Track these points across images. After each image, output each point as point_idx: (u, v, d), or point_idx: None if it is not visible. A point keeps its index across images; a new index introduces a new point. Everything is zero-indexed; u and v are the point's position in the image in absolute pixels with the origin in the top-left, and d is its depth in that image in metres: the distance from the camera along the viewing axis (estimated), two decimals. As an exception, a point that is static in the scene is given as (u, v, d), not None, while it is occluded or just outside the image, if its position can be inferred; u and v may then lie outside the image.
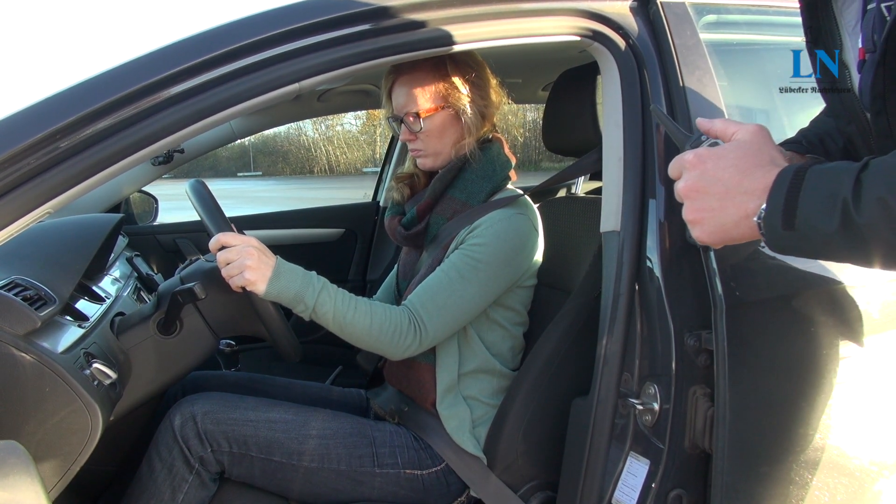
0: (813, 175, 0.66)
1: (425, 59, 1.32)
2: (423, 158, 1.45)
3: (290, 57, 1.08)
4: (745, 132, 0.75)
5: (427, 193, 1.45)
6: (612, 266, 1.21)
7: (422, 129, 1.40)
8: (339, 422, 1.40)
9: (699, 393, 1.19)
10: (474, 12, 1.17)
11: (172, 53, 1.05)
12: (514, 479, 1.37)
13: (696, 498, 1.22)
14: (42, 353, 1.01)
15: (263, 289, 1.21)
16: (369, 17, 1.12)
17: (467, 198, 1.42)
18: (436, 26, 1.15)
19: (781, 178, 0.69)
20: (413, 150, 1.46)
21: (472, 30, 1.18)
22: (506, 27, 1.20)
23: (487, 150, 1.44)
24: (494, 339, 1.44)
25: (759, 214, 0.70)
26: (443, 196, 1.44)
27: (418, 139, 1.42)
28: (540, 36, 1.22)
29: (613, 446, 1.21)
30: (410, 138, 1.43)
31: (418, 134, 1.41)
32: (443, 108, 1.40)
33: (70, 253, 1.31)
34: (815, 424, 1.17)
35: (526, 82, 2.06)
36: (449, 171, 1.43)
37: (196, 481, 1.31)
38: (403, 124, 1.42)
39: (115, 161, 1.02)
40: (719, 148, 0.75)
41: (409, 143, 1.44)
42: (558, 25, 1.21)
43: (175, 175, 2.84)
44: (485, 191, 1.43)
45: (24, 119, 0.97)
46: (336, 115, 22.69)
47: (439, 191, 1.44)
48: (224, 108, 1.07)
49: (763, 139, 0.74)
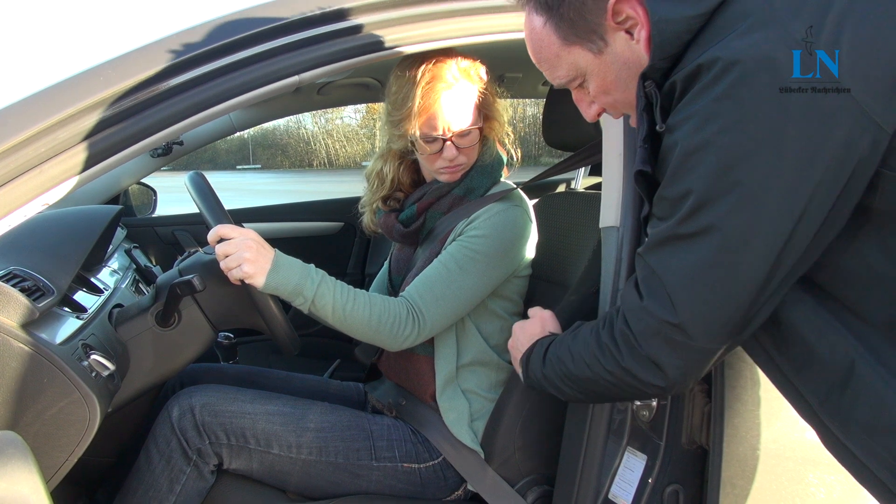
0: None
1: (461, 71, 1.33)
2: (456, 172, 1.41)
3: (290, 49, 1.08)
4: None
5: (431, 193, 1.44)
6: (610, 261, 1.20)
7: (470, 145, 1.38)
8: (337, 415, 1.40)
9: (696, 389, 1.19)
10: (476, 7, 1.16)
11: (171, 44, 1.05)
12: (512, 473, 1.37)
13: (692, 493, 1.22)
14: (40, 344, 1.01)
15: (262, 281, 1.21)
16: (371, 10, 1.11)
17: (466, 193, 1.42)
18: (437, 20, 1.15)
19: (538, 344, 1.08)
20: (451, 167, 1.39)
21: (474, 24, 1.18)
22: (507, 22, 1.19)
23: (485, 147, 1.44)
24: (492, 329, 1.44)
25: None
26: (446, 193, 1.44)
27: (460, 155, 1.38)
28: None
29: (610, 441, 1.21)
30: (457, 155, 1.37)
31: (465, 150, 1.38)
32: (483, 120, 1.40)
33: (68, 244, 1.31)
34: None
35: (527, 77, 2.06)
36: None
37: (194, 473, 1.31)
38: (452, 143, 1.35)
39: (114, 152, 1.02)
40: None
41: (450, 160, 1.37)
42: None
43: (174, 167, 2.84)
44: (484, 186, 1.43)
45: (23, 109, 0.97)
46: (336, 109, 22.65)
47: (445, 190, 1.43)
48: (223, 100, 1.06)
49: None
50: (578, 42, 0.87)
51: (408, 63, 1.35)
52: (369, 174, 1.55)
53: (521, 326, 1.16)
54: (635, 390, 0.89)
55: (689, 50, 0.80)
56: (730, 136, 0.74)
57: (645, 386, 0.87)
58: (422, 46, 1.20)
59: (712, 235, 0.77)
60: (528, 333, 1.13)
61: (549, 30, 0.89)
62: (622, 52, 0.86)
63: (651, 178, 0.86)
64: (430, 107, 1.33)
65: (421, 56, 1.32)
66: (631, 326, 0.86)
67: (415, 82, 1.32)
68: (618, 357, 0.88)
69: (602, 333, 0.91)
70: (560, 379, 0.99)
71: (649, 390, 0.88)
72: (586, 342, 0.94)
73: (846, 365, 0.78)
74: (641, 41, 0.84)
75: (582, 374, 0.95)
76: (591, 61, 0.88)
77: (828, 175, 0.73)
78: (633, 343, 0.86)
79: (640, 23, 0.83)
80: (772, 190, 0.74)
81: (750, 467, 1.20)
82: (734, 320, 0.81)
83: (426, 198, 1.45)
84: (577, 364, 0.96)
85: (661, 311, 0.82)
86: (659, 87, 0.84)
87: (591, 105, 0.95)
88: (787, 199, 0.74)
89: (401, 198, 1.52)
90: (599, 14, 0.84)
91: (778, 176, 0.73)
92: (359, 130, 26.81)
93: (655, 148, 0.85)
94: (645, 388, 0.88)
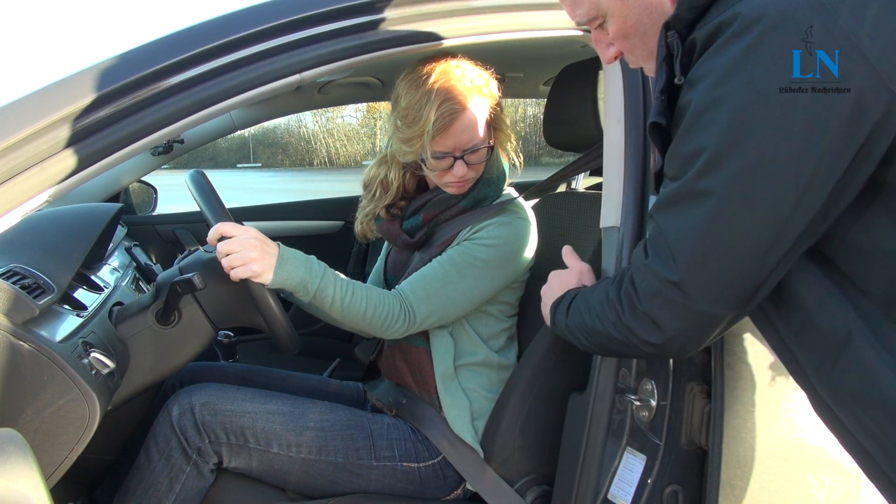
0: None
1: (475, 90, 1.31)
2: (464, 186, 1.39)
3: (291, 48, 1.08)
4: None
5: (437, 204, 1.42)
6: (611, 262, 1.21)
7: (480, 161, 1.36)
8: (337, 414, 1.40)
9: (696, 389, 1.19)
10: (477, 6, 1.16)
11: (173, 43, 1.05)
12: (511, 472, 1.37)
13: (691, 494, 1.22)
14: (40, 342, 1.01)
15: (270, 278, 1.21)
16: (372, 9, 1.11)
17: (474, 205, 1.42)
18: (438, 19, 1.15)
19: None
20: (459, 182, 1.37)
21: (475, 23, 1.17)
22: (508, 21, 1.19)
23: (492, 158, 1.43)
24: (491, 332, 1.44)
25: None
26: (453, 206, 1.43)
27: (470, 171, 1.36)
28: (542, 30, 1.21)
29: (610, 442, 1.21)
30: (466, 171, 1.35)
31: (474, 167, 1.36)
32: (492, 133, 1.39)
33: (69, 242, 1.31)
34: (812, 421, 1.17)
35: (527, 77, 2.06)
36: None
37: (193, 472, 1.31)
38: (462, 161, 1.33)
39: (115, 150, 1.01)
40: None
41: (460, 176, 1.35)
42: (561, 20, 1.20)
43: (174, 165, 2.84)
44: (490, 198, 1.42)
45: (24, 107, 0.97)
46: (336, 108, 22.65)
47: (452, 203, 1.42)
48: (224, 99, 1.06)
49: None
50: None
51: (419, 78, 1.31)
52: (370, 181, 1.50)
53: (557, 275, 1.18)
54: (636, 349, 0.90)
55: (714, 5, 0.79)
56: (743, 96, 0.73)
57: (643, 344, 0.88)
58: (422, 46, 1.20)
59: (719, 196, 0.77)
60: (564, 283, 1.15)
61: None
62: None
63: (665, 132, 0.85)
64: (444, 128, 1.30)
65: (432, 70, 1.30)
66: (636, 284, 0.87)
67: (428, 101, 1.29)
68: (620, 314, 0.90)
69: (611, 290, 0.93)
70: (580, 330, 1.01)
71: (646, 349, 0.89)
72: (599, 297, 0.96)
73: (843, 335, 0.78)
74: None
75: (595, 328, 0.97)
76: (613, 2, 0.88)
77: (837, 140, 0.72)
78: (633, 300, 0.87)
79: None
80: (779, 153, 0.73)
81: (749, 468, 1.20)
82: (735, 285, 0.80)
83: (431, 209, 1.43)
84: (591, 317, 0.97)
85: (663, 268, 0.82)
86: (682, 38, 0.82)
87: (609, 47, 0.94)
88: (794, 163, 0.73)
89: (403, 206, 1.50)
90: None
91: (786, 139, 0.73)
92: (359, 129, 26.81)
93: (672, 101, 0.84)
94: (643, 347, 0.89)
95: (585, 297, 1.02)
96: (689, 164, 0.79)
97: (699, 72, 0.78)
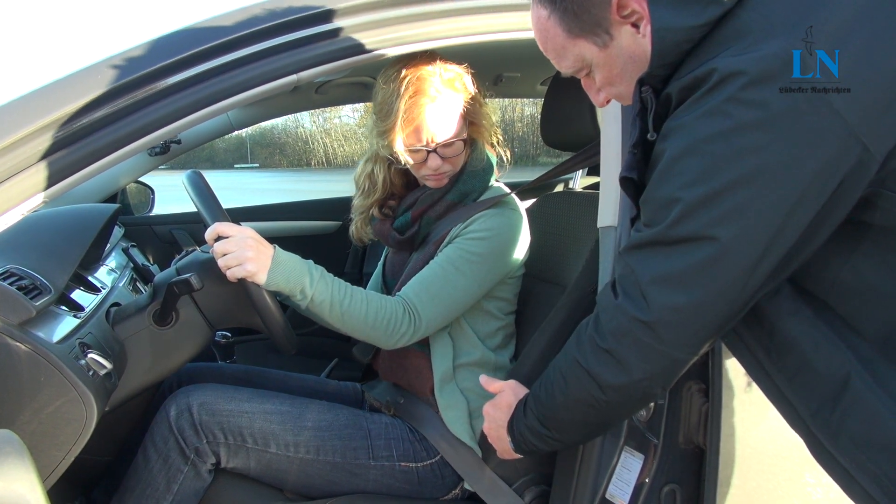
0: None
1: (445, 83, 1.32)
2: (442, 179, 1.40)
3: (288, 48, 1.08)
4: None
5: (424, 200, 1.44)
6: (608, 261, 1.21)
7: (455, 154, 1.37)
8: (335, 413, 1.40)
9: (694, 388, 1.19)
10: (472, 6, 1.16)
11: (170, 43, 1.05)
12: (509, 472, 1.37)
13: (689, 493, 1.22)
14: (37, 343, 1.01)
15: (264, 278, 1.21)
16: (368, 9, 1.11)
17: (460, 198, 1.42)
18: (436, 19, 1.15)
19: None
20: (435, 175, 1.38)
21: (472, 23, 1.18)
22: (505, 21, 1.19)
23: (475, 151, 1.43)
24: (488, 330, 1.44)
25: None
26: (439, 200, 1.43)
27: (445, 164, 1.37)
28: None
29: (608, 441, 1.21)
30: (441, 164, 1.37)
31: (449, 160, 1.37)
32: (467, 127, 1.39)
33: (66, 242, 1.30)
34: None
35: (525, 76, 2.06)
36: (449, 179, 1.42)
37: (191, 472, 1.31)
38: (436, 153, 1.35)
39: (112, 151, 1.01)
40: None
41: (434, 168, 1.36)
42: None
43: (171, 166, 2.83)
44: (477, 190, 1.43)
45: (22, 107, 0.97)
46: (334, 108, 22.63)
47: (438, 197, 1.43)
48: (221, 99, 1.06)
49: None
50: (583, 35, 0.87)
51: (391, 74, 1.34)
52: (358, 177, 1.53)
53: (492, 405, 1.16)
54: (600, 403, 0.90)
55: (687, 60, 0.80)
56: (717, 147, 0.75)
57: (606, 390, 0.88)
58: (420, 46, 1.20)
59: (693, 245, 0.78)
60: (504, 403, 1.13)
61: (553, 22, 0.88)
62: (628, 46, 0.86)
63: (638, 184, 0.87)
64: (414, 120, 1.32)
65: (404, 66, 1.31)
66: (600, 324, 0.87)
67: (398, 95, 1.31)
68: (580, 361, 0.90)
69: (569, 351, 0.94)
70: (540, 421, 1.01)
71: (608, 395, 0.88)
72: (557, 365, 0.97)
73: (841, 378, 0.78)
74: (647, 35, 0.83)
75: (554, 403, 0.97)
76: (597, 54, 0.88)
77: (809, 192, 0.73)
78: (595, 340, 0.87)
79: (645, 17, 0.83)
80: (753, 204, 0.75)
81: (747, 467, 1.20)
82: (706, 328, 0.81)
83: (419, 205, 1.44)
84: (547, 394, 0.98)
85: (633, 308, 0.82)
86: (656, 93, 0.84)
87: (599, 93, 0.95)
88: (767, 212, 0.74)
89: (394, 205, 1.51)
90: (604, 7, 0.84)
91: (760, 190, 0.74)
92: (357, 129, 26.76)
93: (645, 155, 0.86)
94: (604, 394, 0.88)
95: (539, 383, 1.02)
96: (663, 211, 0.80)
97: (674, 123, 0.79)
